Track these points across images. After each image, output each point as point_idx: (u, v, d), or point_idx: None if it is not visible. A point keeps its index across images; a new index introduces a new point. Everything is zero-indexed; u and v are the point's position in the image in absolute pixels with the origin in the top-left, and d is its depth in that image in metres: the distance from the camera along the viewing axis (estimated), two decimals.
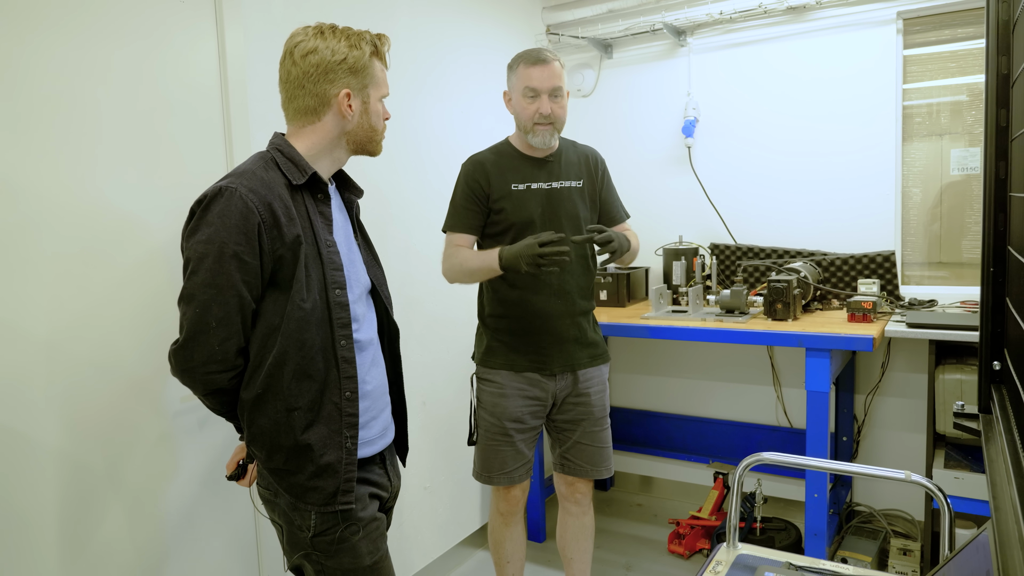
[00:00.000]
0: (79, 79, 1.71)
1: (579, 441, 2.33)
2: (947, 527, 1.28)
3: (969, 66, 3.01)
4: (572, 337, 2.27)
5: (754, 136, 3.39)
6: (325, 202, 1.52)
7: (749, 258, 3.37)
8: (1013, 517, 0.87)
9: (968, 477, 2.48)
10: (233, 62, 2.07)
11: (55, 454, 1.66)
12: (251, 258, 1.37)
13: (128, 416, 1.82)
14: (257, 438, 1.46)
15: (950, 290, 3.07)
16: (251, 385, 1.44)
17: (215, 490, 2.04)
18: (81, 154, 1.71)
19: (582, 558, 2.47)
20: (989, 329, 1.45)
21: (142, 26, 1.85)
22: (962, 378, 2.53)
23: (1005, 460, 1.07)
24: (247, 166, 1.44)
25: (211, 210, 1.36)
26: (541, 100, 2.17)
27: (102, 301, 1.76)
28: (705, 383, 3.65)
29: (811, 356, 2.54)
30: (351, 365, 1.49)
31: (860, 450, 3.28)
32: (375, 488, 1.58)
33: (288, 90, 1.49)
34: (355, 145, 1.55)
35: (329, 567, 1.50)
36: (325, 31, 1.47)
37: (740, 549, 1.46)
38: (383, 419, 1.62)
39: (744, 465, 1.46)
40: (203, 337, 1.37)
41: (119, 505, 1.80)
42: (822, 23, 3.19)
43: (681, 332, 2.82)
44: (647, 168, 3.67)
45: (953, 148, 3.06)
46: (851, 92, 3.16)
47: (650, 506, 3.74)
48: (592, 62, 3.78)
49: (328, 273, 1.46)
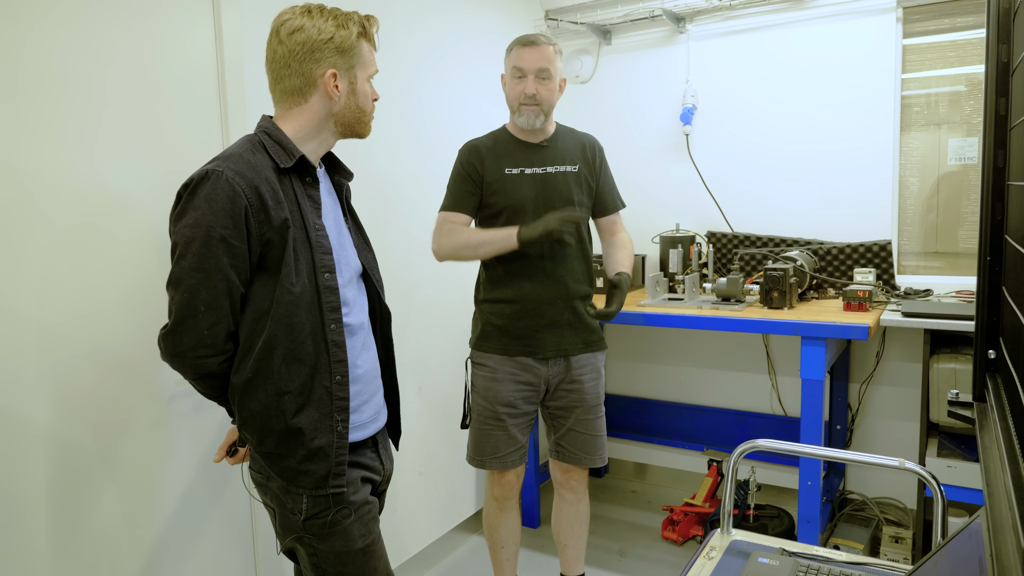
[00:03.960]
0: (77, 61, 1.69)
1: (572, 428, 2.33)
2: (940, 514, 1.28)
3: (968, 56, 3.00)
4: (566, 322, 2.27)
5: (752, 124, 3.37)
6: (313, 185, 1.51)
7: (746, 246, 3.37)
8: (1007, 505, 0.87)
9: (961, 465, 2.49)
10: (230, 43, 2.05)
11: (47, 435, 1.66)
12: (238, 242, 1.36)
13: (122, 399, 1.81)
14: (248, 422, 1.46)
15: (946, 279, 3.08)
16: (241, 369, 1.44)
17: (210, 473, 2.04)
18: (77, 135, 1.70)
19: (576, 544, 2.49)
20: (985, 318, 1.46)
21: (140, 7, 1.83)
22: (956, 367, 2.53)
23: (999, 448, 1.07)
24: (234, 149, 1.43)
25: (198, 194, 1.35)
26: (527, 80, 2.18)
27: (97, 282, 1.75)
28: (701, 371, 3.66)
29: (806, 344, 2.54)
30: (341, 349, 1.48)
31: (854, 438, 3.29)
32: (367, 472, 1.58)
33: (274, 70, 1.47)
34: (343, 127, 1.53)
35: (321, 550, 1.50)
36: (312, 10, 1.46)
37: (734, 535, 1.47)
38: (375, 403, 1.61)
39: (739, 452, 1.46)
40: (192, 322, 1.36)
41: (113, 488, 1.80)
42: (821, 11, 3.17)
43: (677, 320, 2.82)
44: (645, 155, 3.65)
45: (951, 138, 3.06)
46: (850, 81, 3.14)
47: (644, 493, 3.75)
48: (591, 48, 3.76)
49: (317, 257, 1.45)
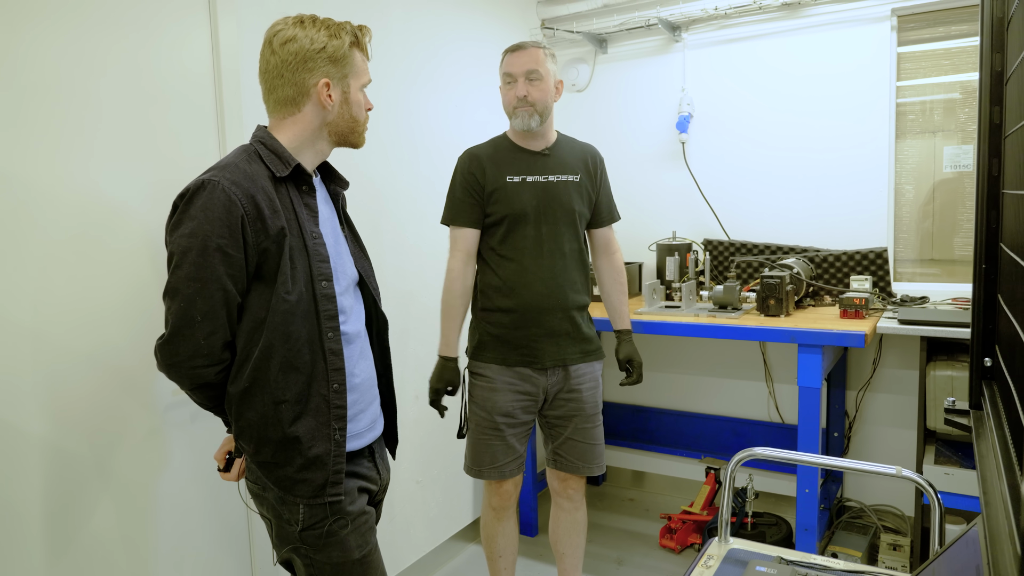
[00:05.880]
0: (73, 69, 1.69)
1: (571, 437, 2.33)
2: (937, 522, 1.28)
3: (963, 64, 3.01)
4: (564, 332, 2.27)
5: (748, 132, 3.39)
6: (310, 194, 1.51)
7: (742, 254, 3.37)
8: (1003, 512, 0.87)
9: (958, 473, 2.49)
10: (226, 53, 2.06)
11: (42, 444, 1.65)
12: (235, 251, 1.36)
13: (118, 408, 1.81)
14: (245, 431, 1.46)
15: (942, 287, 3.08)
16: (238, 379, 1.43)
17: (206, 484, 2.03)
18: (73, 143, 1.70)
19: (574, 553, 2.48)
20: (981, 326, 1.46)
21: (137, 16, 1.83)
22: (953, 374, 2.54)
23: (996, 456, 1.07)
24: (230, 159, 1.43)
25: (194, 203, 1.35)
26: (518, 84, 2.19)
27: (92, 290, 1.74)
28: (698, 378, 3.65)
29: (803, 352, 2.54)
30: (338, 357, 1.48)
31: (851, 446, 3.29)
32: (364, 481, 1.57)
33: (268, 80, 1.48)
34: (337, 136, 1.54)
35: (318, 561, 1.49)
36: (305, 21, 1.46)
37: (731, 543, 1.46)
38: (372, 412, 1.61)
39: (736, 460, 1.46)
40: (188, 331, 1.36)
41: (108, 498, 1.79)
42: (817, 19, 3.19)
43: (674, 328, 2.82)
44: (641, 163, 3.66)
45: (946, 145, 3.07)
46: (845, 89, 3.16)
47: (642, 501, 3.74)
48: (587, 57, 3.77)
49: (314, 265, 1.46)
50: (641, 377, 2.43)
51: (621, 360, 2.42)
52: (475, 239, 2.28)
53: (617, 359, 2.43)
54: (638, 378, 2.42)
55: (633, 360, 2.41)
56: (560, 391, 2.30)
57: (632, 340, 2.45)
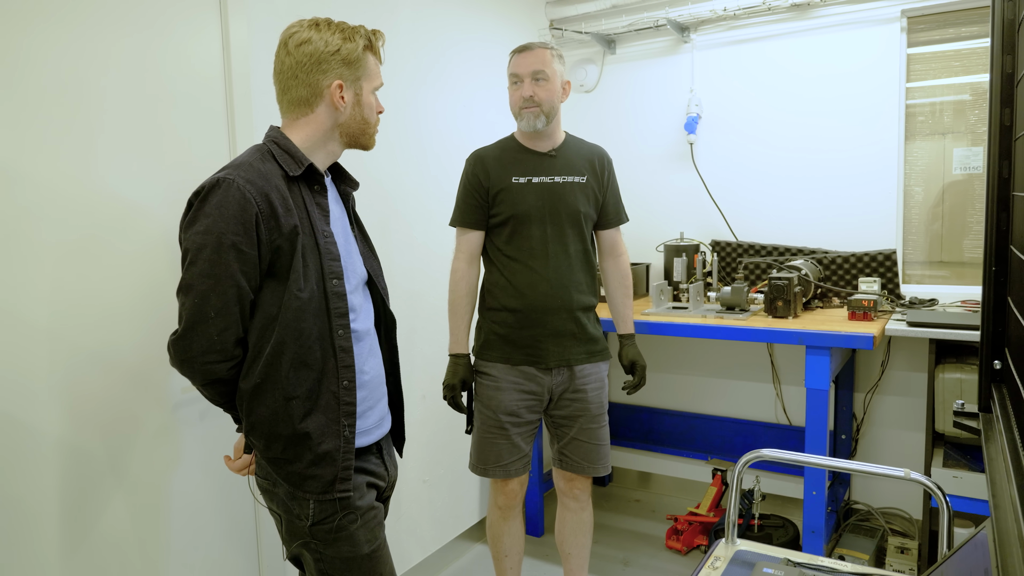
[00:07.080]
0: (82, 68, 1.70)
1: (576, 438, 2.33)
2: (946, 525, 1.28)
3: (972, 65, 3.00)
4: (568, 332, 2.27)
5: (757, 133, 3.38)
6: (322, 193, 1.53)
7: (750, 255, 3.37)
8: (1013, 515, 0.87)
9: (967, 476, 2.48)
10: (237, 53, 2.07)
11: (56, 442, 1.66)
12: (249, 248, 1.38)
13: (129, 406, 1.82)
14: (256, 427, 1.47)
15: (951, 289, 3.07)
16: (250, 375, 1.45)
17: (216, 480, 2.05)
18: (83, 143, 1.71)
19: (580, 553, 2.48)
20: (990, 328, 1.46)
21: (145, 15, 1.85)
22: (962, 377, 2.53)
23: (1005, 459, 1.07)
24: (244, 158, 1.45)
25: (209, 201, 1.37)
26: (524, 84, 2.20)
27: (104, 290, 1.76)
28: (705, 380, 3.65)
29: (811, 354, 2.54)
30: (348, 354, 1.49)
31: (859, 448, 3.28)
32: (372, 477, 1.59)
33: (282, 81, 1.50)
34: (348, 138, 1.56)
35: (327, 556, 1.50)
36: (320, 23, 1.49)
37: (738, 545, 1.46)
38: (380, 409, 1.62)
39: (743, 461, 1.46)
40: (202, 327, 1.37)
41: (121, 494, 1.81)
42: (826, 20, 3.18)
43: (681, 328, 2.82)
44: (649, 164, 3.66)
45: (955, 147, 3.06)
46: (854, 90, 3.15)
47: (648, 502, 3.74)
48: (595, 57, 3.77)
49: (325, 263, 1.47)
50: (644, 381, 2.43)
51: (625, 364, 2.43)
52: (478, 241, 2.31)
53: (621, 363, 2.44)
54: (640, 381, 2.42)
55: (637, 364, 2.42)
56: (565, 391, 2.30)
57: (635, 344, 2.45)
